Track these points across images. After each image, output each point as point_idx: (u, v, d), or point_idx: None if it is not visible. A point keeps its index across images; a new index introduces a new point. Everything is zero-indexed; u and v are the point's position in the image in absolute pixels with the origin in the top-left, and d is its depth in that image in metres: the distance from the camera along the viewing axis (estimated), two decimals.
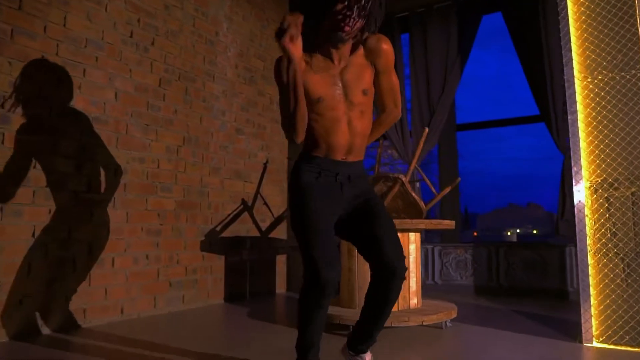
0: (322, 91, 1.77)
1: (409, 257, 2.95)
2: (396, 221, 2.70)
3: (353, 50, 1.82)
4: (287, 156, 4.95)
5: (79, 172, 3.01)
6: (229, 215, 4.14)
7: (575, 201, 2.60)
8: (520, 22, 4.78)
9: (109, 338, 2.72)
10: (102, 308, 3.11)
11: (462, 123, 5.24)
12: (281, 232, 4.79)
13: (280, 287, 4.77)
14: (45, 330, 2.79)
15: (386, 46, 1.82)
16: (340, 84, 1.79)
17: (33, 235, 2.74)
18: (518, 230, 49.49)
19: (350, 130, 1.80)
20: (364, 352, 1.91)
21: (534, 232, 47.12)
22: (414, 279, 3.01)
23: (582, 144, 2.63)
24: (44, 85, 2.86)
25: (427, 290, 4.44)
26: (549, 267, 4.32)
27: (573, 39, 2.72)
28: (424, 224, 2.78)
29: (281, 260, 4.80)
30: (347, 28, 1.70)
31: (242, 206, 4.26)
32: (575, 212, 2.59)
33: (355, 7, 1.67)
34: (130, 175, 3.32)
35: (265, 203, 4.40)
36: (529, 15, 4.67)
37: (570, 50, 2.70)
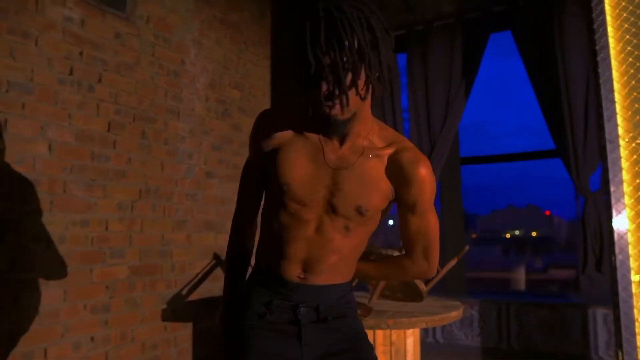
0: (290, 176, 1.16)
1: (405, 356, 2.37)
2: (390, 321, 2.13)
3: (367, 146, 1.16)
4: None
5: None
6: (198, 274, 3.56)
7: (620, 299, 2.03)
8: (532, 42, 4.20)
9: None
10: None
11: (467, 156, 4.65)
12: None
13: None
14: None
15: (425, 172, 1.17)
16: (325, 185, 1.16)
17: None
18: (517, 232, 48.98)
19: (318, 239, 1.18)
20: None
21: (533, 234, 46.62)
22: None
23: (630, 226, 2.05)
24: None
25: (428, 348, 3.86)
26: (568, 329, 3.75)
27: (617, 86, 2.14)
28: (425, 322, 2.19)
29: None
30: (333, 112, 1.06)
31: (214, 261, 3.67)
32: (622, 315, 2.01)
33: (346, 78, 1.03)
34: (69, 244, 2.74)
35: None
36: (543, 35, 4.09)
37: (613, 101, 2.12)
